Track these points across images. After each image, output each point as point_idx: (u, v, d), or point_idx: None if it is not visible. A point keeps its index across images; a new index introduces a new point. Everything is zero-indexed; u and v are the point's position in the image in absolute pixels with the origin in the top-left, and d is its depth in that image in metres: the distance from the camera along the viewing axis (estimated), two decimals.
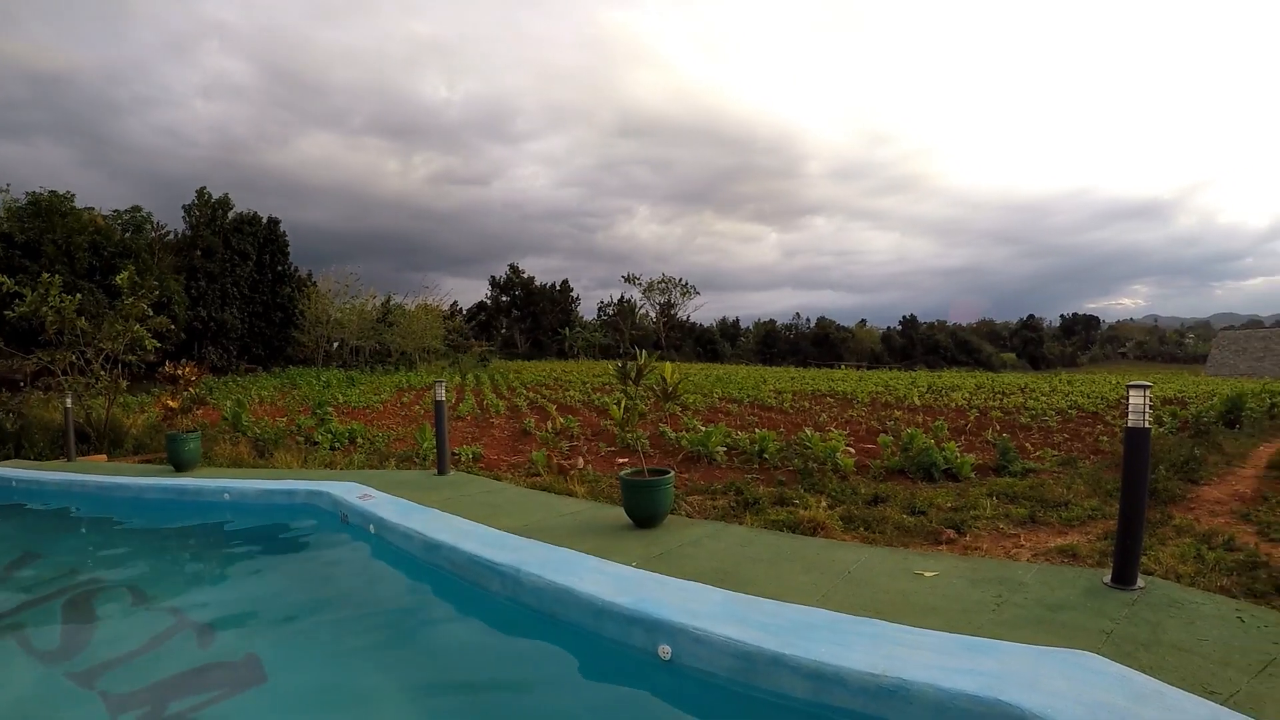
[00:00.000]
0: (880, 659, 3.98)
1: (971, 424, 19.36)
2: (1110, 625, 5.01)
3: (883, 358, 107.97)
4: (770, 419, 20.40)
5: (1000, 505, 9.69)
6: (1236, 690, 4.17)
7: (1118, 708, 3.51)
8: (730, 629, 4.39)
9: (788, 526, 8.34)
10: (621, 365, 7.91)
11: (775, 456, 12.89)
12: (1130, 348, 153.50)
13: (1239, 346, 78.72)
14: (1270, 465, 13.74)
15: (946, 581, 5.87)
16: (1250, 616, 5.33)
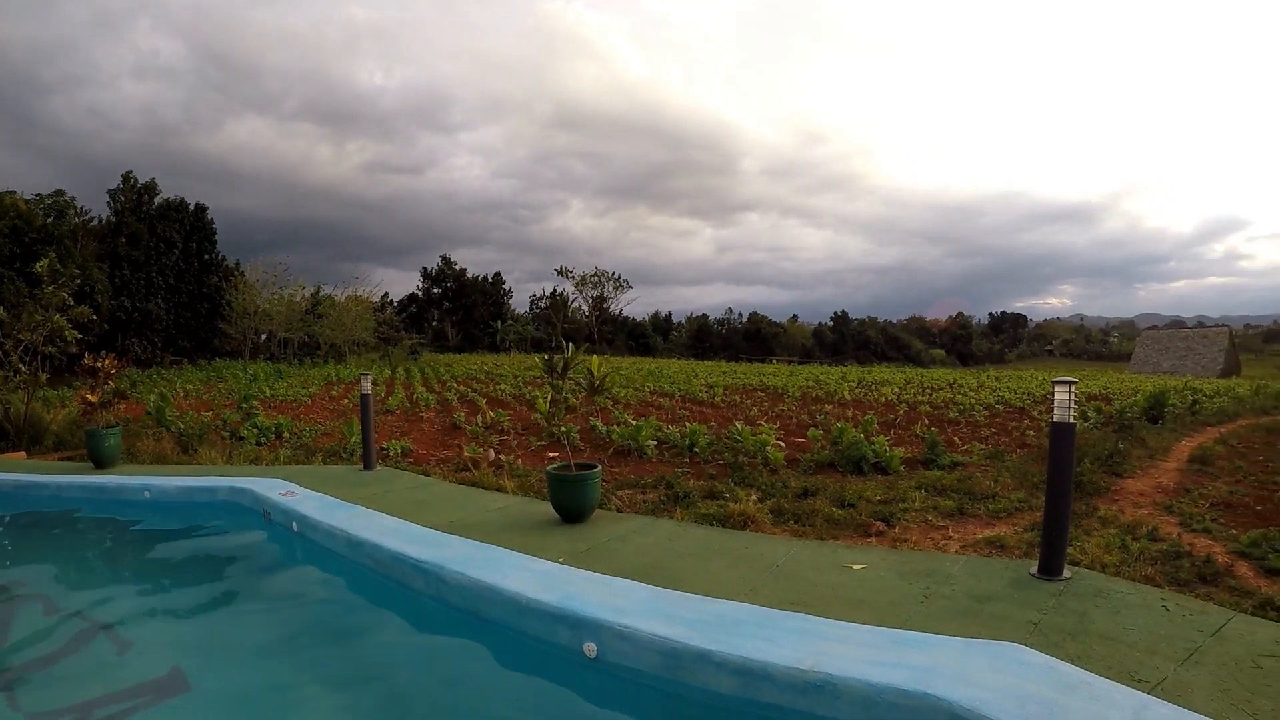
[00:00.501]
0: (808, 654, 3.95)
1: (901, 418, 19.54)
2: (1038, 616, 5.04)
3: (814, 353, 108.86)
4: (701, 413, 20.42)
5: (929, 498, 9.78)
6: (1164, 678, 4.19)
7: (1046, 699, 3.50)
8: (656, 626, 4.34)
9: (718, 520, 8.29)
10: (548, 359, 7.83)
11: (706, 450, 12.88)
12: (1057, 345, 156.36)
13: (1162, 346, 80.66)
14: (1192, 459, 14.00)
15: (875, 574, 5.88)
16: (1175, 605, 5.40)
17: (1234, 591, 6.60)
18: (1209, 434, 18.53)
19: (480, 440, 14.92)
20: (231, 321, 54.36)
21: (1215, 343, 77.44)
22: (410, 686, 4.76)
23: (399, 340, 68.26)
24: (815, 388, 29.49)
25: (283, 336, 58.58)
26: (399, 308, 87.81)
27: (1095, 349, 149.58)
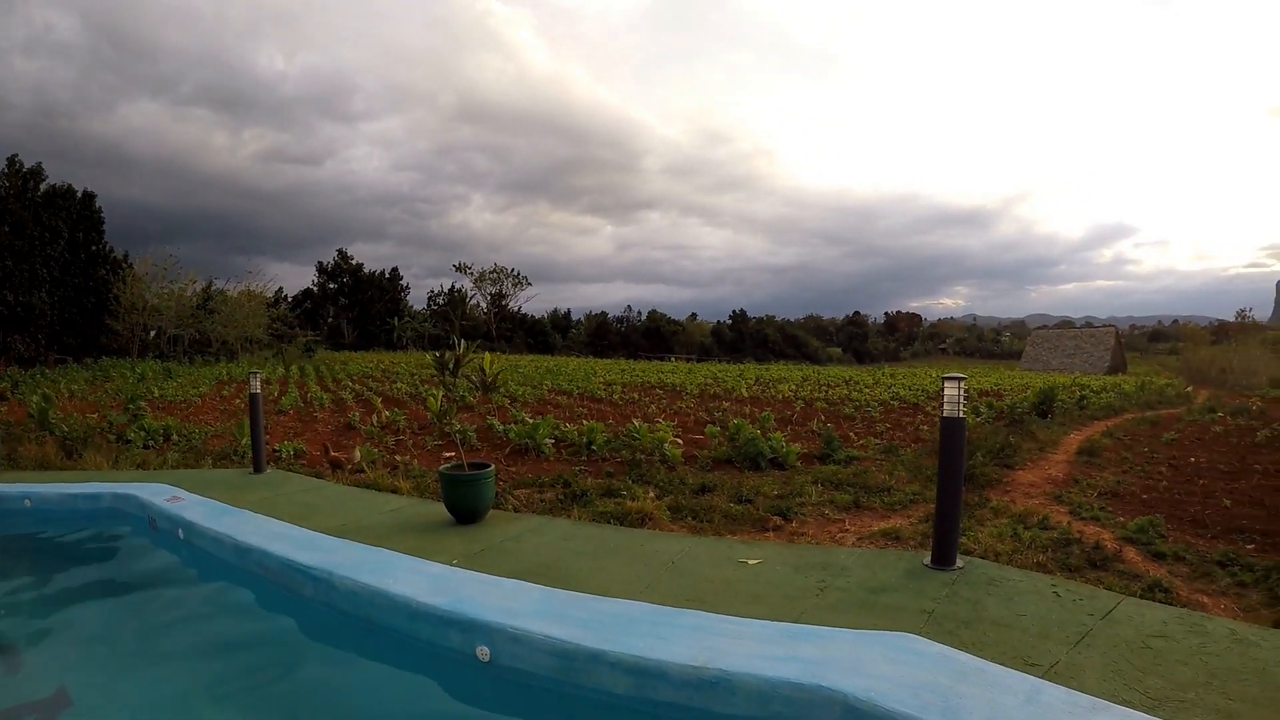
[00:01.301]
0: (702, 650, 3.92)
1: (798, 414, 19.74)
2: (931, 605, 5.09)
3: (713, 351, 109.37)
4: (600, 411, 20.40)
5: (825, 492, 9.89)
6: (1056, 661, 4.26)
7: (941, 687, 3.53)
8: (549, 627, 4.27)
9: (616, 518, 8.26)
10: (440, 356, 7.72)
11: (603, 448, 12.84)
12: (950, 344, 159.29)
13: (1051, 344, 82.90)
14: (1080, 451, 14.39)
15: (770, 568, 5.90)
16: (1065, 591, 5.51)
17: (1123, 575, 6.80)
18: (1096, 428, 19.08)
19: (375, 440, 14.69)
20: (119, 317, 51.94)
21: (1102, 342, 79.68)
22: (300, 695, 4.62)
23: (293, 337, 66.78)
24: (713, 385, 29.68)
25: (172, 333, 56.47)
26: (294, 303, 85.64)
27: (988, 347, 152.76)
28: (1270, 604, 6.35)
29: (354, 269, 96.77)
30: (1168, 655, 4.49)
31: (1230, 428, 20.03)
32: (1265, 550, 7.95)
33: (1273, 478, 12.48)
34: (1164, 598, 6.21)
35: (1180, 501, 10.19)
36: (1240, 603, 6.41)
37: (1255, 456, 14.70)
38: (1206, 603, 6.36)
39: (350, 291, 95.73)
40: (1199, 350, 66.66)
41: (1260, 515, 9.48)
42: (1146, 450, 15.45)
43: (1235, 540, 8.30)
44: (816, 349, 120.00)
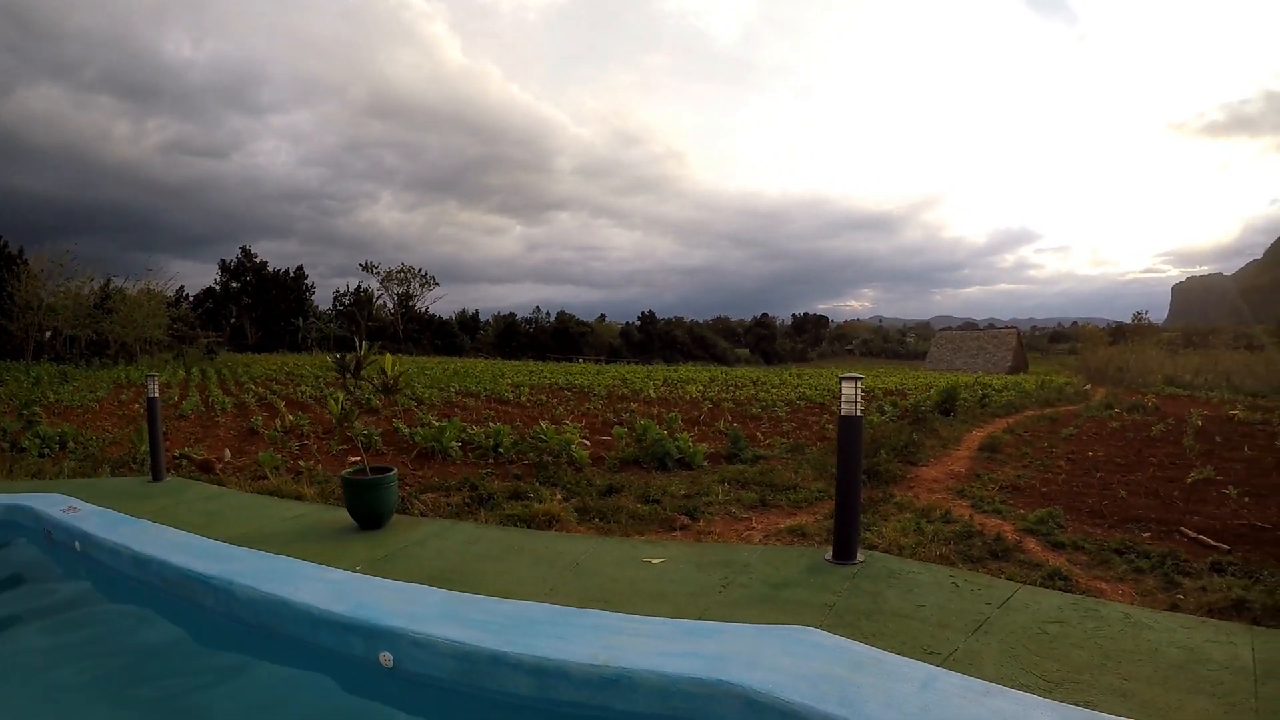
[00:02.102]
0: (602, 649, 3.96)
1: (705, 415, 19.84)
2: (833, 599, 5.19)
3: (621, 352, 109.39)
4: (507, 413, 20.31)
5: (732, 491, 9.98)
6: (955, 649, 4.38)
7: (838, 677, 3.61)
8: (451, 631, 4.27)
9: (522, 521, 8.25)
10: (340, 358, 7.65)
11: (511, 450, 12.79)
12: (857, 345, 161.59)
13: (955, 345, 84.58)
14: (982, 447, 14.69)
15: (674, 567, 5.97)
16: (964, 581, 5.65)
17: (1024, 565, 6.98)
18: (998, 424, 19.49)
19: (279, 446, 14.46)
20: (13, 317, 50.09)
21: (1005, 342, 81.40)
22: (201, 710, 4.54)
23: (194, 339, 64.93)
24: (621, 386, 29.71)
25: (69, 334, 54.43)
26: (195, 303, 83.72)
27: (893, 348, 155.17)
28: (1166, 588, 6.57)
29: (258, 267, 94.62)
30: (1063, 640, 4.63)
31: (1126, 423, 20.59)
32: (1160, 538, 8.22)
33: (1166, 469, 12.87)
34: (1063, 585, 6.40)
35: (1079, 494, 10.46)
36: (1137, 587, 6.62)
37: (1150, 450, 15.13)
38: (1105, 589, 6.55)
39: (254, 291, 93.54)
40: (1097, 350, 68.21)
41: (1155, 505, 9.79)
42: (1046, 445, 15.82)
43: (1131, 529, 8.56)
44: (725, 350, 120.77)
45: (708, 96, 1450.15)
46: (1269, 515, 9.32)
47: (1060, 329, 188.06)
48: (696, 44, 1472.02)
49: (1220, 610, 5.96)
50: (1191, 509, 9.73)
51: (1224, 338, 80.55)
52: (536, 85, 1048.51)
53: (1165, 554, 7.35)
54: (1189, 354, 56.14)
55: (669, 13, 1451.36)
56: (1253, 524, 8.94)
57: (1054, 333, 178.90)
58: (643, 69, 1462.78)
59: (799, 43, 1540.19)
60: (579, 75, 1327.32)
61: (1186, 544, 8.10)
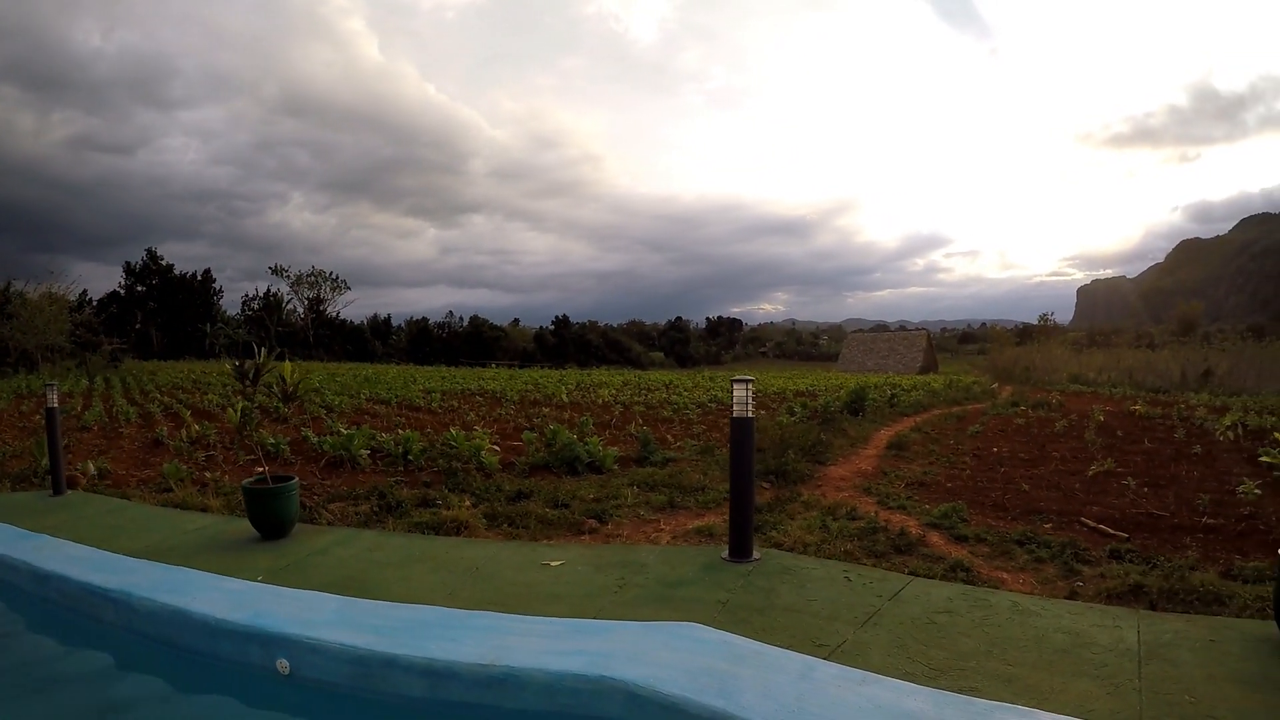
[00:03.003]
0: (490, 650, 4.07)
1: (617, 419, 19.85)
2: (726, 595, 5.31)
3: (535, 356, 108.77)
4: (419, 419, 20.13)
5: (641, 493, 10.05)
6: (843, 641, 4.51)
7: (718, 670, 3.76)
8: (345, 635, 4.34)
9: (431, 528, 8.27)
10: (239, 365, 7.61)
11: (420, 458, 12.72)
12: (770, 347, 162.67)
13: (866, 347, 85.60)
14: (889, 445, 14.94)
15: (573, 569, 6.07)
16: (857, 576, 5.82)
17: (927, 558, 7.14)
18: (905, 423, 19.80)
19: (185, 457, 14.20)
20: None
21: (915, 344, 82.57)
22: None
23: (98, 345, 62.76)
24: (534, 391, 29.61)
25: None
26: (99, 307, 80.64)
27: (806, 350, 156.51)
28: (1065, 576, 6.78)
29: (164, 270, 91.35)
30: (951, 629, 4.78)
31: (1031, 420, 21.05)
32: (1061, 528, 8.47)
33: (1069, 463, 13.21)
34: (965, 577, 6.57)
35: (983, 488, 10.71)
36: (1037, 576, 6.82)
37: (1053, 445, 15.51)
38: (1006, 578, 6.73)
39: (160, 295, 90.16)
40: (1005, 351, 69.37)
41: (1056, 497, 10.06)
42: (952, 443, 16.12)
43: (1033, 521, 8.79)
44: (639, 354, 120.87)
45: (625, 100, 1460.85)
46: (1166, 504, 9.65)
47: (970, 330, 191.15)
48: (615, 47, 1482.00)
49: (1118, 595, 6.18)
50: (1092, 500, 10.01)
51: (1126, 337, 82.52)
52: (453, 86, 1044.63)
53: (1065, 543, 7.60)
54: (1093, 353, 57.48)
55: (588, 15, 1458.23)
56: (1150, 512, 9.24)
57: (964, 334, 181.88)
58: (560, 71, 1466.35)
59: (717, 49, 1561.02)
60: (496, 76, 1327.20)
61: (1087, 533, 8.35)
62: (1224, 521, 8.80)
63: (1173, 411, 22.46)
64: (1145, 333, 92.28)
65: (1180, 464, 13.02)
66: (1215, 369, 40.15)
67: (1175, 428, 18.35)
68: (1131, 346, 61.36)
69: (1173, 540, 8.12)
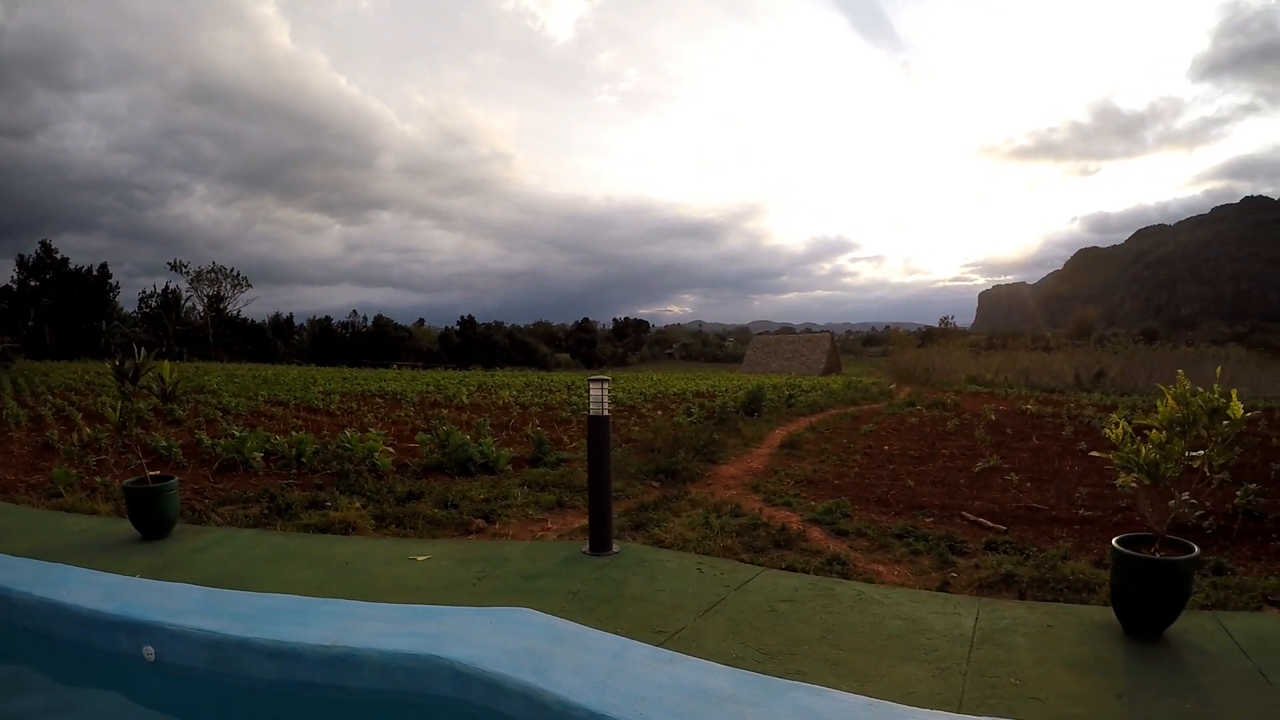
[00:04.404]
0: (334, 633, 4.32)
1: (515, 420, 19.87)
2: (579, 586, 5.56)
3: (440, 357, 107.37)
4: (316, 422, 19.96)
5: (531, 493, 10.18)
6: (682, 628, 4.76)
7: (538, 650, 4.06)
8: (205, 622, 4.56)
9: (319, 529, 8.31)
10: (118, 364, 7.59)
11: (313, 460, 12.69)
12: (677, 349, 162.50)
13: (771, 348, 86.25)
14: (782, 444, 15.23)
15: (438, 564, 6.27)
16: (709, 568, 6.09)
17: (804, 553, 7.40)
18: (801, 423, 20.10)
19: (76, 461, 13.97)
20: None
21: (819, 346, 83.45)
22: None
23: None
24: (435, 393, 29.40)
25: None
26: None
27: (713, 352, 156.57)
28: (940, 567, 7.09)
29: (58, 264, 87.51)
30: (791, 616, 5.02)
31: (925, 419, 21.54)
32: (942, 522, 8.79)
33: (957, 460, 13.61)
34: (841, 570, 6.81)
35: (869, 485, 11.00)
36: (913, 568, 7.10)
37: (944, 443, 15.92)
38: (881, 570, 7.01)
39: (54, 291, 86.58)
40: (906, 352, 70.46)
41: (941, 493, 10.40)
42: (845, 441, 16.46)
43: (916, 516, 9.11)
44: (545, 355, 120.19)
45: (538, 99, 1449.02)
46: (1046, 498, 10.04)
47: (874, 333, 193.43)
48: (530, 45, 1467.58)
49: (990, 585, 6.49)
50: (975, 495, 10.37)
51: (1024, 340, 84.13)
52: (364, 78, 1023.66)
53: (943, 537, 7.91)
54: (992, 355, 58.60)
55: (505, 11, 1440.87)
56: (1030, 506, 9.62)
57: (868, 336, 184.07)
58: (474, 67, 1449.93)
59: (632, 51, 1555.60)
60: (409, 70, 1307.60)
61: (967, 527, 8.69)
62: (1101, 513, 9.20)
63: (1063, 410, 23.09)
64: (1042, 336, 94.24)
65: (1065, 460, 13.48)
66: (1108, 370, 41.44)
67: (1064, 425, 18.92)
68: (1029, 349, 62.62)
69: (1050, 532, 8.49)
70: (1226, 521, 8.80)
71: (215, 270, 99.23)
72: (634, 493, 10.21)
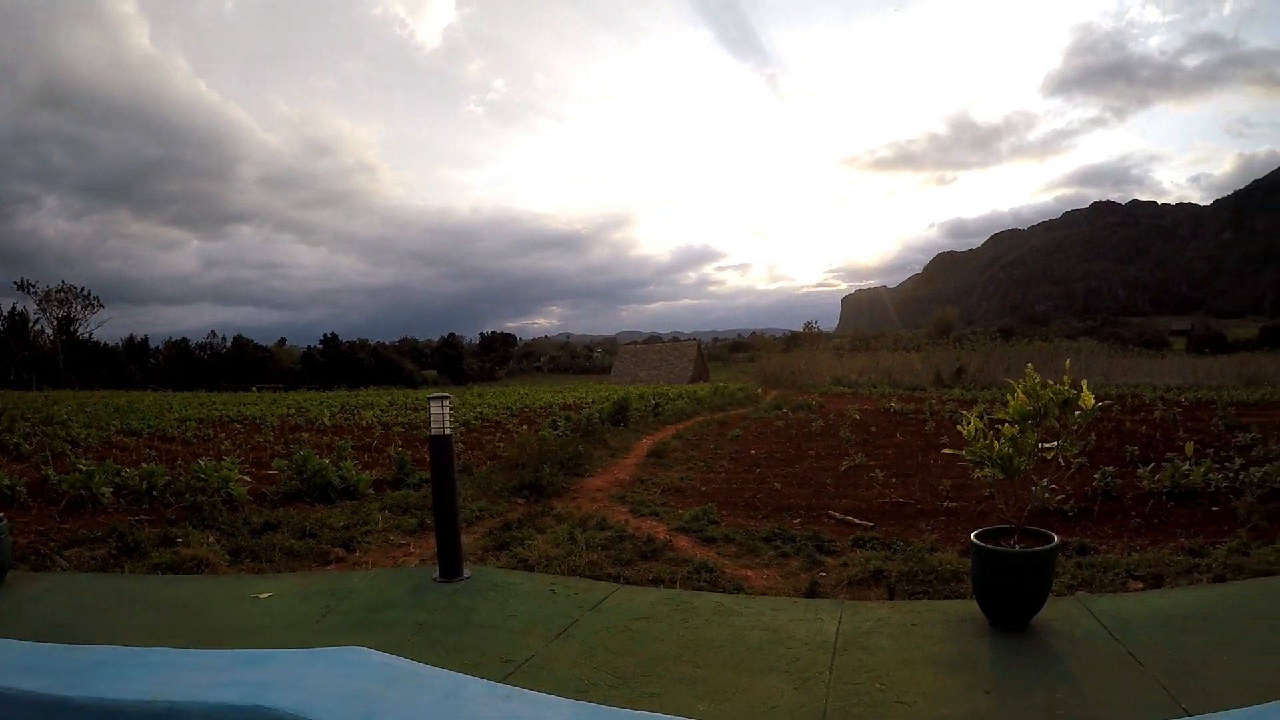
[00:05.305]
0: (157, 686, 4.02)
1: (378, 441, 19.47)
2: (426, 617, 5.38)
3: (303, 378, 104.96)
4: (171, 451, 19.28)
5: (393, 517, 9.96)
6: (532, 655, 4.63)
7: (370, 693, 3.81)
8: (24, 681, 4.19)
9: (170, 569, 7.91)
10: None
11: (166, 492, 12.19)
12: (545, 361, 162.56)
13: (639, 358, 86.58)
14: (649, 454, 15.22)
15: (280, 601, 6.04)
16: (563, 588, 5.96)
17: (672, 563, 7.37)
18: (668, 431, 20.13)
19: None
20: None
21: (686, 353, 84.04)
22: None
23: None
24: (296, 415, 28.64)
25: None
26: None
27: (581, 363, 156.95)
28: (809, 568, 7.12)
29: None
30: (646, 635, 4.91)
31: (791, 421, 21.80)
32: (810, 522, 8.85)
33: (823, 460, 13.78)
34: (709, 578, 6.76)
35: (737, 489, 11.04)
36: (782, 570, 7.10)
37: (810, 444, 16.11)
38: (750, 575, 6.97)
39: None
40: (772, 357, 71.23)
41: (808, 493, 10.48)
42: (712, 448, 16.53)
43: (783, 518, 9.15)
44: (411, 372, 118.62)
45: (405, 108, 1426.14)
46: (911, 492, 10.20)
47: (740, 339, 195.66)
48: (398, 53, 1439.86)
49: (859, 582, 6.48)
50: (842, 493, 10.48)
51: (886, 341, 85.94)
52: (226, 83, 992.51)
53: (810, 537, 7.96)
54: (855, 356, 59.92)
55: (373, 18, 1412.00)
56: (896, 501, 9.77)
57: (735, 343, 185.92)
58: (340, 74, 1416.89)
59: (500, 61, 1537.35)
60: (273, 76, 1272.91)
61: (834, 525, 8.77)
62: (965, 504, 9.38)
63: (925, 407, 23.61)
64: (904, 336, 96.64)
65: (929, 454, 13.77)
66: (967, 367, 42.94)
67: (926, 421, 19.32)
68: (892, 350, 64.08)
69: (916, 525, 8.61)
70: (1087, 504, 9.07)
71: (65, 290, 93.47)
72: (499, 511, 10.07)
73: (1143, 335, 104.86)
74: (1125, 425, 17.38)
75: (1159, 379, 40.58)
